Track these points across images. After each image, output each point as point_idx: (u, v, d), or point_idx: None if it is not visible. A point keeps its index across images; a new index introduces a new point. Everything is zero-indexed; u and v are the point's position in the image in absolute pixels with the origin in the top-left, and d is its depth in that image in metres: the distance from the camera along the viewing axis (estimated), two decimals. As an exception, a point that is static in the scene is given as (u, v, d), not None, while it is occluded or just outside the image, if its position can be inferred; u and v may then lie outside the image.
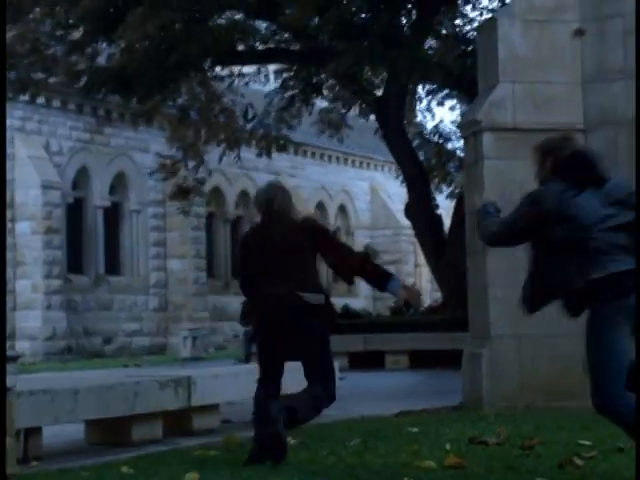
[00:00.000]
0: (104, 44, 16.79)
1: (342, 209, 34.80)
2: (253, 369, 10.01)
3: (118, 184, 27.00)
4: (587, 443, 6.38)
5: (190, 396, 7.99)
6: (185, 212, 23.45)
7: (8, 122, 24.00)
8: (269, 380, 6.34)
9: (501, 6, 16.22)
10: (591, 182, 5.29)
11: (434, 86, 20.19)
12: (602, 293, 5.16)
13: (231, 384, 8.62)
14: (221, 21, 16.66)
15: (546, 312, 7.87)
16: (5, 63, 9.48)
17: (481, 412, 8.61)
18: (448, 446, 6.51)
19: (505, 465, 5.74)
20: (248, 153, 22.73)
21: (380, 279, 6.17)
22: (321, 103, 21.38)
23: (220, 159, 21.19)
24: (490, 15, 14.93)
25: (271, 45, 17.64)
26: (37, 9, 15.72)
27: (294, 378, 6.53)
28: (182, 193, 22.39)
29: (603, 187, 5.29)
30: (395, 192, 33.11)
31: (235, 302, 24.23)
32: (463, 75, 15.67)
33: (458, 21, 18.03)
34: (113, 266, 26.84)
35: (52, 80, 18.01)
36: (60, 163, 25.07)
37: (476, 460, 5.94)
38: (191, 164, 21.50)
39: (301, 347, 6.16)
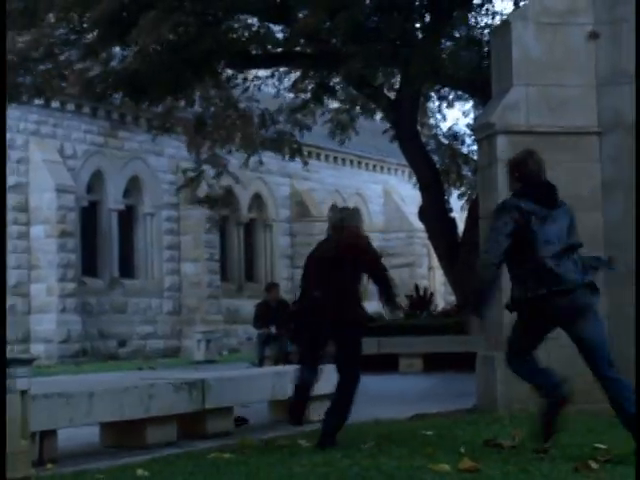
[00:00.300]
0: (118, 48, 16.82)
1: (356, 212, 34.79)
2: (267, 372, 10.03)
3: (132, 187, 27.07)
4: (603, 446, 6.36)
5: (204, 399, 8.00)
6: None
7: (23, 126, 24.13)
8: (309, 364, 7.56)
9: (514, 10, 16.17)
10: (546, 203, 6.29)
11: (446, 88, 20.15)
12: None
13: (245, 387, 8.63)
14: (235, 25, 16.67)
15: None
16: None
17: (496, 415, 8.60)
18: (463, 449, 6.51)
19: (520, 468, 5.74)
20: (262, 156, 22.73)
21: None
22: (332, 104, 21.35)
23: (245, 163, 21.23)
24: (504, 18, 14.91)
25: (284, 49, 17.63)
26: (52, 14, 15.75)
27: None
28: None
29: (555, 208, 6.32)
30: (408, 195, 33.08)
31: (248, 305, 24.23)
32: (476, 77, 15.64)
33: (471, 22, 17.96)
34: (127, 269, 26.90)
35: (67, 90, 18.08)
36: (74, 167, 25.15)
37: (491, 463, 5.94)
38: (211, 171, 21.58)
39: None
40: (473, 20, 17.43)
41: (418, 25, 17.12)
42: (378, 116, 22.01)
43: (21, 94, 16.58)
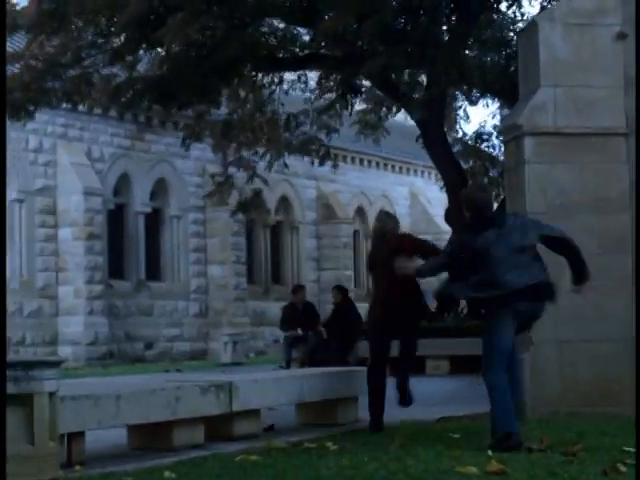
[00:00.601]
0: (144, 52, 16.86)
1: (382, 214, 34.72)
2: (294, 374, 10.02)
3: (159, 190, 27.16)
4: (631, 449, 6.32)
5: (231, 401, 8.01)
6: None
7: (50, 129, 24.26)
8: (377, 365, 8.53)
9: (541, 11, 16.10)
10: (492, 224, 7.03)
11: (473, 90, 20.07)
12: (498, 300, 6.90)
13: (272, 389, 8.63)
14: (262, 28, 16.69)
15: (587, 317, 7.76)
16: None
17: (523, 418, 8.56)
18: (490, 452, 6.48)
19: (548, 471, 5.71)
20: (288, 159, 22.76)
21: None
22: (359, 105, 21.32)
23: (270, 168, 21.26)
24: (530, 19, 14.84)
25: (311, 51, 17.62)
26: (79, 18, 15.80)
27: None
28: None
29: (503, 226, 7.04)
30: (435, 197, 33.00)
31: (275, 307, 24.27)
32: (503, 81, 15.59)
33: (497, 24, 17.88)
34: (154, 272, 26.99)
35: (94, 96, 18.17)
36: (101, 170, 25.27)
37: (518, 466, 5.91)
38: (239, 174, 21.66)
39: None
40: (499, 22, 17.37)
41: (445, 27, 17.09)
42: (403, 117, 21.97)
43: (51, 99, 16.68)
